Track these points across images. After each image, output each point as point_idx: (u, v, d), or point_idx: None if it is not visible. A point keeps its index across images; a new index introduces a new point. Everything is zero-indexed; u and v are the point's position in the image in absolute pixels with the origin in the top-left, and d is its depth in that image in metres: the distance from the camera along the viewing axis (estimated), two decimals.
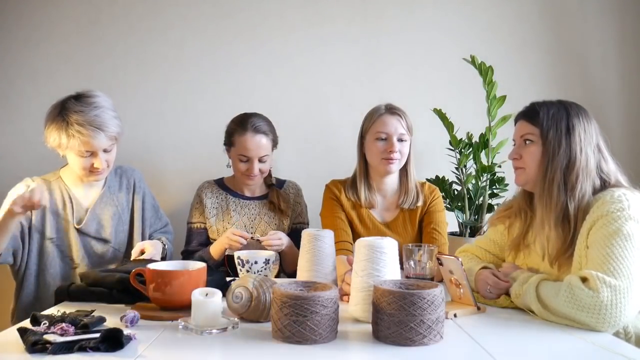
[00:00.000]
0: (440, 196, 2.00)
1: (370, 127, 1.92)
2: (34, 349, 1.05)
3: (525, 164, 1.47)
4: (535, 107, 1.48)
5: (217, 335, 1.18)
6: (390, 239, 1.32)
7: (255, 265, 1.60)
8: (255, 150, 2.00)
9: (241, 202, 2.12)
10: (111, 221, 1.90)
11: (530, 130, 1.46)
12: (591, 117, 1.45)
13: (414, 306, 1.10)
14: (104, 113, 1.78)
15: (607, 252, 1.26)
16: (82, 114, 1.74)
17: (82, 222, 1.85)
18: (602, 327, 1.21)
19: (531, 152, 1.45)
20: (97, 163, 1.79)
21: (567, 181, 1.39)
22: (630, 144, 2.54)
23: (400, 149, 1.89)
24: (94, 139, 1.74)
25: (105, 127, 1.77)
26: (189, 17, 2.51)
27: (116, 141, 1.84)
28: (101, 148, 1.78)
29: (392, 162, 1.88)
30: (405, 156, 1.92)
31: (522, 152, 1.48)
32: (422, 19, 2.55)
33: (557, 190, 1.39)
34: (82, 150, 1.76)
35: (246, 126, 2.00)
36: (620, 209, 1.30)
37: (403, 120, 1.90)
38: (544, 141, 1.43)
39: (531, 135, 1.46)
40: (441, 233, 1.93)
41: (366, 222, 1.96)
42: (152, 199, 2.08)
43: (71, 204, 1.86)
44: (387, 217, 1.97)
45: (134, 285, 1.40)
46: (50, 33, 2.48)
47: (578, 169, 1.38)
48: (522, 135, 1.48)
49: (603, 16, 2.57)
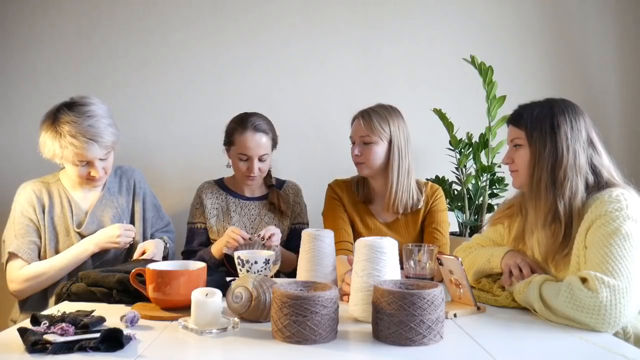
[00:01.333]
0: (443, 196, 2.00)
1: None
2: (34, 349, 1.05)
3: (518, 167, 1.49)
4: (519, 110, 1.50)
5: (217, 335, 1.18)
6: (390, 239, 1.32)
7: (255, 265, 1.60)
8: (255, 149, 2.00)
9: (241, 202, 2.12)
10: (111, 223, 1.89)
11: (517, 134, 1.48)
12: (579, 112, 1.44)
13: (414, 306, 1.10)
14: (98, 122, 1.74)
15: (606, 252, 1.26)
16: (75, 125, 1.70)
17: (82, 226, 1.85)
18: (602, 327, 1.21)
19: (520, 155, 1.47)
20: (93, 172, 1.78)
21: (555, 180, 1.39)
22: (630, 144, 2.54)
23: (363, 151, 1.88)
24: (87, 150, 1.72)
25: (99, 138, 1.73)
26: (190, 18, 2.51)
27: (112, 149, 1.82)
28: (96, 158, 1.76)
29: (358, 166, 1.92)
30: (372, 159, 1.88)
31: (513, 156, 1.50)
32: (422, 20, 2.55)
33: (545, 190, 1.40)
34: (77, 161, 1.75)
35: (246, 125, 2.01)
36: (618, 209, 1.30)
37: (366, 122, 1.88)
38: (530, 143, 1.44)
39: (518, 139, 1.47)
40: (442, 233, 1.93)
41: (368, 222, 1.97)
42: (153, 198, 2.07)
43: (70, 207, 1.85)
44: (388, 217, 1.98)
45: (134, 285, 1.40)
46: (50, 34, 2.48)
47: (566, 167, 1.38)
48: (511, 140, 1.51)
49: (603, 16, 2.57)
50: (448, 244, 1.96)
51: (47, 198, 1.84)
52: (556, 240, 1.40)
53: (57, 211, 1.84)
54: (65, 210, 1.85)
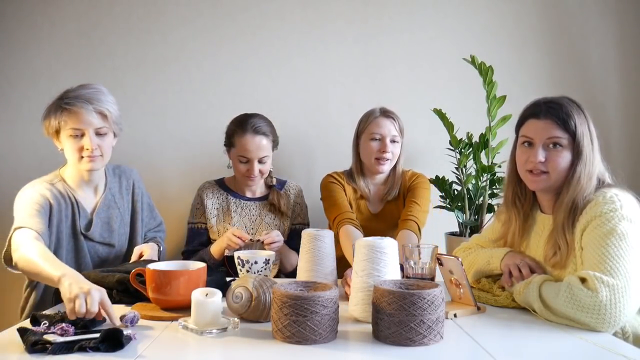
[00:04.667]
0: (424, 179, 2.13)
1: (365, 129, 2.08)
2: (34, 349, 1.05)
3: (552, 169, 1.39)
4: (566, 109, 1.39)
5: (217, 335, 1.18)
6: (390, 239, 1.32)
7: (255, 265, 1.60)
8: (255, 151, 2.00)
9: (242, 203, 2.12)
10: (115, 225, 1.87)
11: (561, 134, 1.38)
12: None
13: (414, 306, 1.10)
14: (98, 92, 1.74)
15: (603, 252, 1.26)
16: (76, 92, 1.72)
17: (90, 229, 1.80)
18: (602, 327, 1.21)
19: (561, 157, 1.38)
20: (86, 144, 1.70)
21: (587, 188, 1.38)
22: (630, 144, 2.54)
23: (393, 150, 2.05)
24: (82, 110, 1.68)
25: (95, 101, 1.70)
26: (189, 18, 2.50)
27: (109, 125, 1.75)
28: (90, 124, 1.70)
29: (384, 163, 2.05)
30: (396, 156, 2.09)
31: (549, 156, 1.39)
32: (422, 19, 2.55)
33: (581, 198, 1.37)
34: (71, 129, 1.69)
35: (246, 127, 2.00)
36: (613, 210, 1.30)
37: (396, 123, 2.06)
38: (575, 148, 1.38)
39: (562, 139, 1.38)
40: (418, 203, 2.04)
41: (362, 210, 2.11)
42: (148, 198, 2.06)
43: (77, 209, 1.79)
44: (378, 208, 2.14)
45: (134, 285, 1.40)
46: (50, 34, 2.48)
47: (593, 175, 1.38)
48: (551, 137, 1.39)
49: (603, 16, 2.57)
50: (426, 212, 2.06)
51: (54, 200, 1.74)
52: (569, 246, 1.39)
53: (63, 213, 1.77)
54: (70, 213, 1.78)
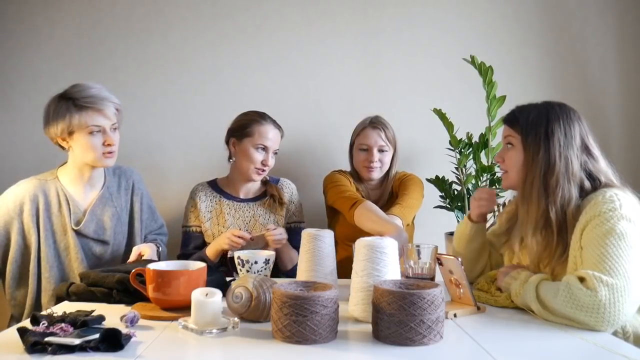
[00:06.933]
0: (411, 177, 2.20)
1: (356, 139, 2.18)
2: (34, 349, 1.05)
3: (508, 168, 1.51)
4: (516, 111, 1.50)
5: (217, 335, 1.18)
6: (390, 239, 1.32)
7: (255, 265, 1.60)
8: (273, 140, 2.07)
9: (235, 204, 2.11)
10: (110, 222, 1.88)
11: (510, 134, 1.49)
12: (575, 117, 1.44)
13: (414, 306, 1.10)
14: (105, 90, 1.82)
15: (602, 252, 1.26)
16: (85, 92, 1.76)
17: (81, 224, 1.83)
18: (601, 326, 1.21)
19: (511, 156, 1.49)
20: (108, 139, 1.78)
21: (547, 187, 1.39)
22: (630, 144, 2.54)
23: (381, 159, 2.13)
24: (105, 107, 1.76)
25: (110, 98, 1.80)
26: (189, 18, 2.51)
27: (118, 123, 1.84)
28: (110, 120, 1.79)
29: (372, 170, 2.13)
30: (386, 164, 2.17)
31: (505, 155, 1.52)
32: (422, 19, 2.55)
33: (536, 195, 1.40)
34: (93, 126, 1.75)
35: (265, 118, 2.09)
36: (612, 209, 1.30)
37: (383, 133, 2.13)
38: (524, 146, 1.45)
39: (512, 137, 1.49)
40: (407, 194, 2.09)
41: None
42: (149, 200, 2.06)
43: (68, 205, 1.82)
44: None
45: (134, 285, 1.40)
46: (51, 34, 2.48)
47: (558, 174, 1.39)
48: (505, 137, 1.52)
49: (603, 16, 2.57)
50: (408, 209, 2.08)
51: (42, 196, 1.81)
52: (548, 247, 1.40)
53: (54, 209, 1.82)
54: (62, 209, 1.82)
